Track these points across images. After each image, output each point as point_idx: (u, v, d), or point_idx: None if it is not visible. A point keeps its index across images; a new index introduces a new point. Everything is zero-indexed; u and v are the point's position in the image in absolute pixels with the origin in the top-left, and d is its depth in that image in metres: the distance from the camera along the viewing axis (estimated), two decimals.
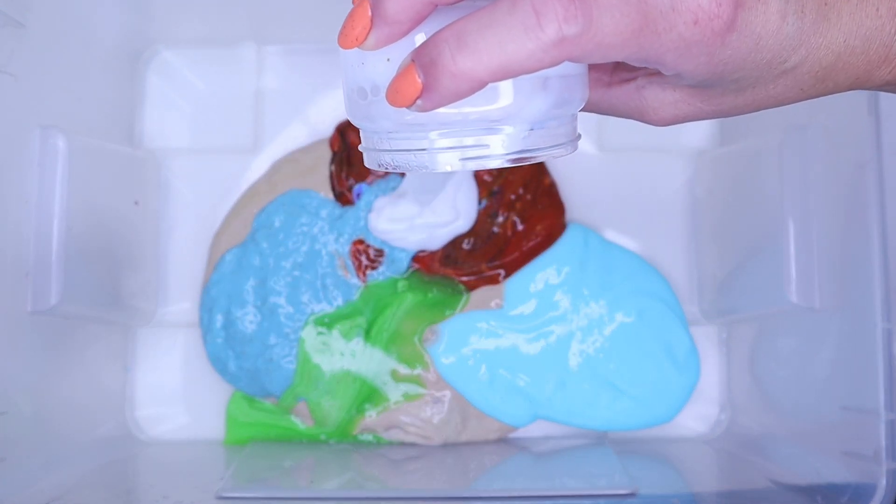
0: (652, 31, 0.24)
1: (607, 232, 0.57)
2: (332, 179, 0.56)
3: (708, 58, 0.26)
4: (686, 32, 0.25)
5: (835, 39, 0.28)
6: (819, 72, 0.29)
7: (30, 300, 0.45)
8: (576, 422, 0.54)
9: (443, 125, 0.26)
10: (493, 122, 0.26)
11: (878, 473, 0.40)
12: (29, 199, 0.46)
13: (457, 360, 0.54)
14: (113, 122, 0.55)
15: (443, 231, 0.55)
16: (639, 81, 0.30)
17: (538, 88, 0.26)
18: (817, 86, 0.29)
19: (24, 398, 0.45)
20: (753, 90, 0.29)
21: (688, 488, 0.49)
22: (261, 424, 0.55)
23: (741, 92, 0.29)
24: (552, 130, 0.27)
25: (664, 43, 0.25)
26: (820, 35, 0.28)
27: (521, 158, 0.27)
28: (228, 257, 0.55)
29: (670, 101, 0.29)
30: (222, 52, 0.58)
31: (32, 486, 0.44)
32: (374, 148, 0.28)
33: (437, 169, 0.26)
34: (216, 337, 0.55)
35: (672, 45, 0.25)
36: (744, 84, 0.28)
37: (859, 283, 0.42)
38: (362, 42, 0.26)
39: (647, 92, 0.29)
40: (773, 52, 0.27)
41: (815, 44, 0.28)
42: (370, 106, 0.27)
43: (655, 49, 0.25)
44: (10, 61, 0.44)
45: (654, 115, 0.30)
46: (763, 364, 0.53)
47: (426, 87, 0.24)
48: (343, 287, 0.55)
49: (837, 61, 0.28)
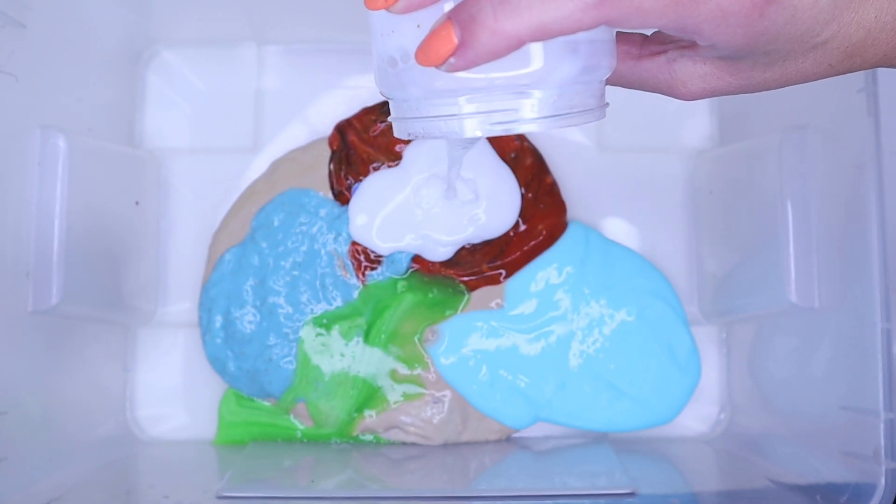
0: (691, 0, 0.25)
1: (608, 231, 0.57)
2: (330, 178, 0.56)
3: (745, 28, 0.26)
4: (725, 2, 0.25)
5: (866, 15, 0.28)
6: (849, 47, 0.29)
7: (30, 300, 0.45)
8: (577, 423, 0.54)
9: (473, 90, 0.26)
10: (522, 86, 0.26)
11: (878, 473, 0.40)
12: (29, 199, 0.46)
13: (457, 360, 0.54)
14: (113, 122, 0.55)
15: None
16: (670, 54, 0.30)
17: (567, 53, 0.26)
18: (846, 62, 0.29)
19: (24, 398, 0.45)
20: (783, 64, 0.29)
21: (687, 488, 0.49)
22: (253, 424, 0.55)
23: (771, 66, 0.29)
24: (581, 96, 0.27)
25: (702, 12, 0.25)
26: (853, 10, 0.28)
27: (549, 122, 0.26)
28: (228, 257, 0.55)
29: (700, 73, 0.30)
30: (222, 52, 0.58)
31: (33, 485, 0.44)
32: (403, 117, 0.28)
33: (466, 134, 0.26)
34: (215, 337, 0.55)
35: (710, 14, 0.25)
36: (775, 57, 0.28)
37: (859, 282, 0.42)
38: (391, 4, 0.26)
39: (678, 65, 0.30)
40: (807, 25, 0.27)
41: (848, 19, 0.28)
42: (400, 74, 0.27)
43: (693, 17, 0.25)
44: (11, 61, 0.44)
45: (682, 88, 0.30)
46: (763, 364, 0.53)
47: (462, 43, 0.24)
48: (342, 287, 0.55)
49: (867, 37, 0.28)
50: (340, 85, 0.58)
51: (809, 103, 0.47)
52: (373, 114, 0.56)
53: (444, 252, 0.55)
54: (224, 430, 0.55)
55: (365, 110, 0.57)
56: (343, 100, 0.58)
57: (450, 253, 0.55)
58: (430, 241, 0.54)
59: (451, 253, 0.55)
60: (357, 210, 0.55)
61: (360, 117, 0.56)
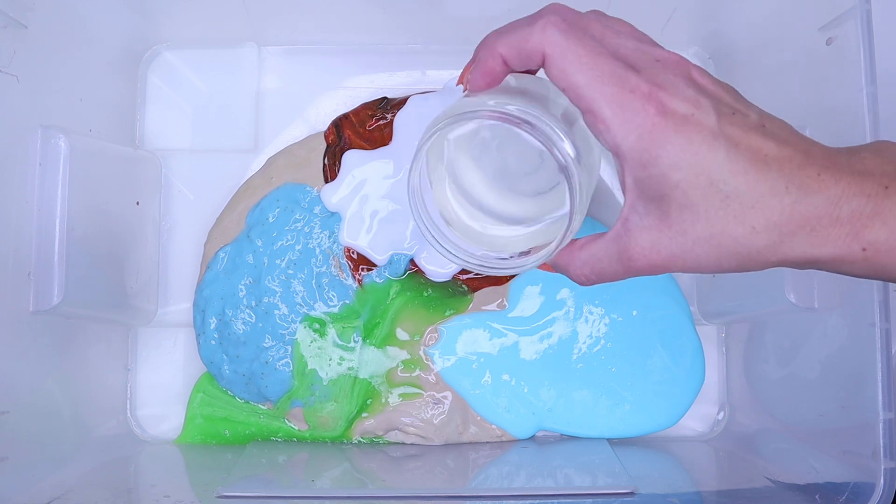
0: (599, 75, 0.31)
1: None
2: (325, 172, 0.56)
3: (639, 130, 0.30)
4: (623, 95, 0.30)
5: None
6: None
7: (32, 300, 0.45)
8: (578, 432, 0.54)
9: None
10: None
11: (877, 472, 0.40)
12: (30, 200, 0.46)
13: (458, 362, 0.54)
14: (114, 123, 0.56)
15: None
16: (622, 213, 0.33)
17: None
18: (772, 231, 0.30)
19: (25, 398, 0.45)
20: (706, 216, 0.30)
21: (687, 487, 0.49)
22: (222, 421, 0.55)
23: (696, 214, 0.30)
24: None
25: (605, 91, 0.31)
26: None
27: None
28: (221, 255, 0.55)
29: (645, 226, 0.32)
30: (223, 53, 0.58)
31: (34, 485, 0.44)
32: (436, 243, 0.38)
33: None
34: (209, 339, 0.54)
35: (610, 96, 0.30)
36: (693, 198, 0.30)
37: (858, 282, 0.42)
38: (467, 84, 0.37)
39: (630, 223, 0.32)
40: (709, 163, 0.30)
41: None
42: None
43: (597, 91, 0.31)
44: (13, 62, 0.44)
45: (634, 248, 0.32)
46: (762, 364, 0.53)
47: (472, 60, 0.35)
48: (339, 287, 0.55)
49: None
50: (340, 85, 0.58)
51: (809, 103, 0.47)
52: (370, 109, 0.56)
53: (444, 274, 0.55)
54: (191, 428, 0.55)
55: (363, 105, 0.57)
56: (343, 100, 0.58)
57: (449, 275, 0.55)
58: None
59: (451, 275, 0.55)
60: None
61: (357, 112, 0.56)
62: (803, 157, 0.30)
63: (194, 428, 0.55)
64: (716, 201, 0.30)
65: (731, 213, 0.30)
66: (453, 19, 0.55)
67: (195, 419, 0.55)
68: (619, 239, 0.33)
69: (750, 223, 0.30)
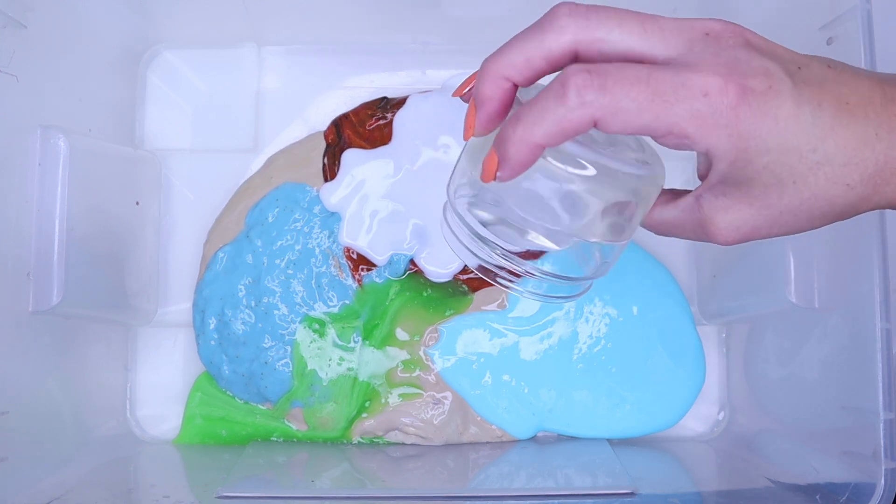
0: (663, 101, 0.28)
1: None
2: (325, 172, 0.56)
3: (727, 129, 0.28)
4: (697, 104, 0.28)
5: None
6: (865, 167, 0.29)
7: (31, 300, 0.45)
8: (578, 433, 0.54)
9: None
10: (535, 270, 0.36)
11: (877, 473, 0.40)
12: (30, 199, 0.46)
13: (458, 362, 0.54)
14: (114, 123, 0.56)
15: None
16: (696, 191, 0.32)
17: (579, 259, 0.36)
18: (868, 183, 0.29)
19: (25, 398, 0.45)
20: (795, 187, 0.29)
21: (687, 488, 0.49)
22: (220, 421, 0.55)
23: (782, 188, 0.30)
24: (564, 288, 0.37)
25: (678, 112, 0.28)
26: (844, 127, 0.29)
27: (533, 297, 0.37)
28: (221, 255, 0.55)
29: (722, 206, 0.31)
30: (223, 53, 0.58)
31: (34, 485, 0.44)
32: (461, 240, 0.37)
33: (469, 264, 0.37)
34: (209, 339, 0.54)
35: (687, 114, 0.28)
36: (781, 174, 0.29)
37: (858, 282, 0.42)
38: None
39: (704, 202, 0.31)
40: (794, 134, 0.28)
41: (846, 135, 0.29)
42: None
43: (670, 117, 0.28)
44: (12, 62, 0.44)
45: (713, 227, 0.31)
46: (762, 364, 0.53)
47: (501, 159, 0.30)
48: (338, 288, 0.54)
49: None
50: (340, 85, 0.58)
51: None
52: (369, 108, 0.56)
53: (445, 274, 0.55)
54: (189, 427, 0.55)
55: (363, 105, 0.57)
56: (343, 100, 0.58)
57: (449, 275, 0.55)
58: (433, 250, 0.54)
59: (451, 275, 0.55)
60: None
61: (357, 111, 0.56)
62: (879, 92, 0.29)
63: (193, 428, 0.55)
64: (805, 170, 0.29)
65: (823, 176, 0.29)
66: (453, 19, 0.55)
67: (194, 419, 0.55)
68: (694, 212, 0.32)
69: (844, 181, 0.29)
